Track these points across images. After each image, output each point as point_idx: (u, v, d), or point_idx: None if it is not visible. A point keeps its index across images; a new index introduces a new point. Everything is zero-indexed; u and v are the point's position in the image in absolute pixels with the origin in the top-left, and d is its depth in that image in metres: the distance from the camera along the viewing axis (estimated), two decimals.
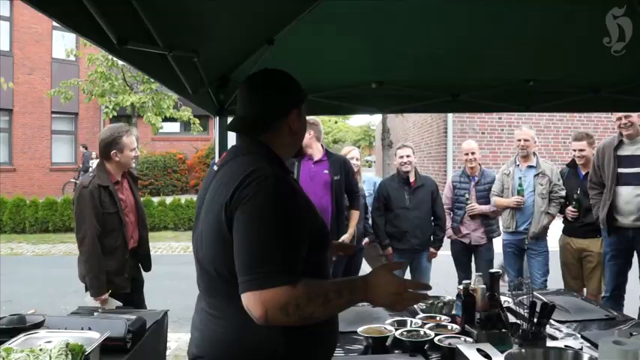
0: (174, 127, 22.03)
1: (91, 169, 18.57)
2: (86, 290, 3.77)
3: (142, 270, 4.15)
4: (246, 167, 1.69)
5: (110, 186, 3.82)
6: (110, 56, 13.18)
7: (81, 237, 3.72)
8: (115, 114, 15.48)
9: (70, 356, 2.11)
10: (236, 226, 1.62)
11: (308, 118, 5.07)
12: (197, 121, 16.72)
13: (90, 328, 2.49)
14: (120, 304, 3.69)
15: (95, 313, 2.99)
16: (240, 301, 1.59)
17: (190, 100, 3.43)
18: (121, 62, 13.69)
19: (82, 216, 3.72)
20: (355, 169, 5.29)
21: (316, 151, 4.84)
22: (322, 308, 1.62)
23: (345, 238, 4.69)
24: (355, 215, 4.90)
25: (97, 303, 3.64)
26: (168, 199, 14.09)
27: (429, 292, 1.91)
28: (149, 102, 15.26)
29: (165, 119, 16.33)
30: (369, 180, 5.86)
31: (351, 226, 4.83)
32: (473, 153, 5.57)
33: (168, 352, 4.16)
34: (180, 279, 6.79)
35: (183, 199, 14.01)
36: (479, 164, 5.67)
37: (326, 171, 4.77)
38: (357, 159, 5.34)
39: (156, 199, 14.30)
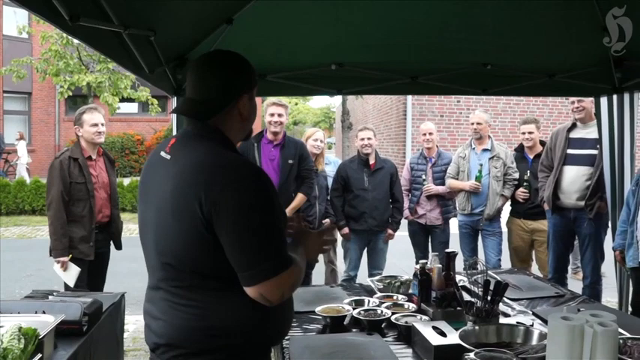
0: (131, 107, 21.61)
1: (19, 152, 17.76)
2: (50, 254, 4.07)
3: (110, 247, 4.41)
4: (211, 158, 1.68)
5: (80, 159, 4.12)
6: (65, 34, 12.79)
7: (48, 202, 4.04)
8: (71, 94, 15.02)
9: (22, 340, 2.05)
10: (226, 227, 1.61)
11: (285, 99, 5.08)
12: (155, 101, 16.37)
13: (44, 312, 2.44)
14: (79, 269, 4.02)
15: (50, 297, 2.94)
16: (210, 289, 1.69)
17: (147, 80, 3.37)
18: (76, 40, 13.30)
19: (50, 183, 4.04)
20: (319, 151, 5.30)
21: (280, 135, 4.84)
22: (303, 276, 1.81)
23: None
24: (299, 197, 4.91)
25: (60, 267, 3.99)
26: (126, 181, 13.82)
27: (387, 271, 1.99)
28: (106, 82, 14.85)
29: (123, 100, 15.93)
30: (334, 162, 5.87)
31: (290, 207, 4.79)
32: (430, 134, 5.64)
33: (126, 335, 4.13)
34: (138, 261, 6.51)
35: None
36: (436, 146, 5.75)
37: (283, 154, 4.77)
38: (321, 140, 5.35)
39: None
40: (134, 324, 5.05)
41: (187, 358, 1.71)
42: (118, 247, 4.47)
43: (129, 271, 6.38)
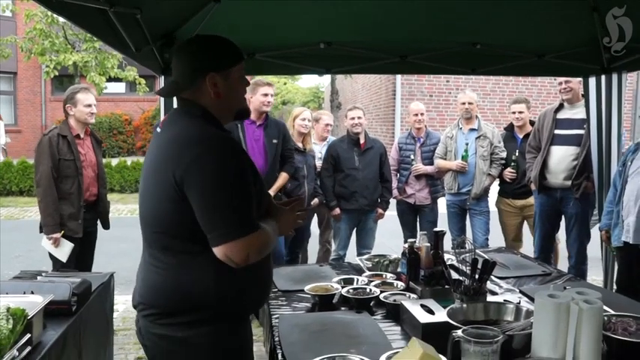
0: (119, 87, 21.31)
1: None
2: (40, 231, 4.11)
3: (98, 227, 4.45)
4: (190, 131, 1.81)
5: (69, 136, 4.13)
6: (50, 12, 12.58)
7: (37, 179, 4.07)
8: (57, 73, 14.83)
9: (11, 321, 2.05)
10: (195, 191, 1.73)
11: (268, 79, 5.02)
12: (143, 81, 16.16)
13: (33, 292, 2.44)
14: (72, 245, 4.07)
15: (38, 277, 2.94)
16: (182, 252, 1.80)
17: (134, 59, 3.33)
18: (61, 19, 13.10)
19: (39, 160, 4.06)
20: (306, 131, 5.28)
21: (264, 115, 4.81)
22: (272, 245, 1.92)
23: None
24: (283, 176, 4.91)
25: (51, 243, 4.02)
26: (114, 161, 13.73)
27: (376, 250, 2.05)
28: (92, 61, 14.63)
29: (110, 79, 15.71)
30: (331, 140, 5.85)
31: (274, 187, 4.79)
32: (421, 114, 5.64)
33: (116, 315, 4.14)
34: (127, 241, 6.62)
35: (130, 160, 13.67)
36: (425, 126, 5.75)
37: (267, 134, 4.76)
38: (308, 120, 5.32)
39: None
40: (124, 304, 5.05)
41: (161, 318, 1.83)
42: (106, 226, 4.49)
43: (118, 251, 6.39)
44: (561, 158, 4.88)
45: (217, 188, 1.73)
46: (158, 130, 1.94)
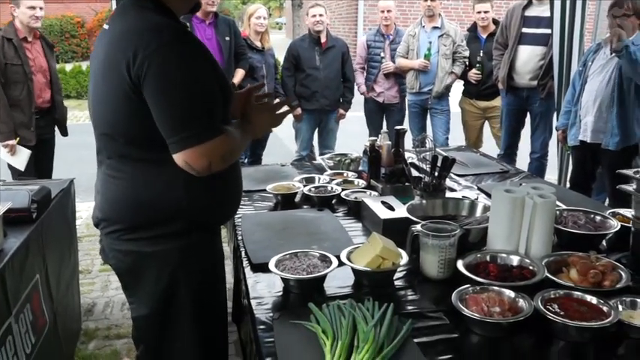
0: None
1: None
2: None
3: (55, 134, 4.38)
4: (144, 23, 1.60)
5: (15, 40, 3.95)
6: None
7: None
8: None
9: None
10: (153, 89, 1.55)
11: None
12: None
13: None
14: (29, 152, 4.01)
15: None
16: (141, 160, 1.65)
17: None
18: None
19: None
20: (263, 29, 5.13)
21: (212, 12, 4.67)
22: (239, 151, 1.80)
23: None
24: (239, 73, 4.84)
25: (7, 151, 3.95)
26: (69, 66, 13.19)
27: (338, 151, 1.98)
28: None
29: None
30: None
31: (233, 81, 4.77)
32: (389, 11, 5.51)
33: (79, 222, 4.13)
34: (87, 148, 6.30)
35: (85, 65, 13.11)
36: (394, 23, 5.64)
37: (218, 32, 4.63)
38: (264, 17, 5.14)
39: None
40: (87, 210, 5.03)
41: (126, 233, 1.71)
42: (64, 133, 4.39)
43: (78, 158, 6.24)
44: (528, 59, 4.89)
45: (177, 86, 1.55)
46: (106, 26, 1.71)
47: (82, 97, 12.59)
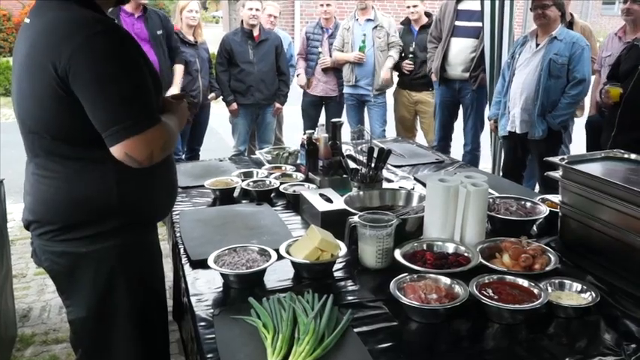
0: None
1: None
2: None
3: None
4: (69, 16, 1.54)
5: None
6: None
7: None
8: None
9: None
10: (84, 83, 1.48)
11: None
12: None
13: None
14: None
15: None
16: (68, 157, 1.60)
17: None
18: None
19: None
20: (195, 23, 5.03)
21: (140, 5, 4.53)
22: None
23: (173, 91, 4.54)
24: (179, 69, 4.76)
25: None
26: None
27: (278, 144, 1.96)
28: None
29: None
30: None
31: (176, 82, 4.67)
32: (328, 5, 5.53)
33: (12, 224, 3.97)
34: (17, 147, 6.13)
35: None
36: (334, 17, 5.65)
37: (149, 26, 4.50)
38: (196, 11, 5.04)
39: None
40: (20, 212, 4.82)
41: (59, 234, 1.66)
42: None
43: (8, 158, 6.01)
44: (460, 50, 5.00)
45: (110, 77, 1.49)
46: (27, 20, 1.64)
47: (10, 94, 12.02)
